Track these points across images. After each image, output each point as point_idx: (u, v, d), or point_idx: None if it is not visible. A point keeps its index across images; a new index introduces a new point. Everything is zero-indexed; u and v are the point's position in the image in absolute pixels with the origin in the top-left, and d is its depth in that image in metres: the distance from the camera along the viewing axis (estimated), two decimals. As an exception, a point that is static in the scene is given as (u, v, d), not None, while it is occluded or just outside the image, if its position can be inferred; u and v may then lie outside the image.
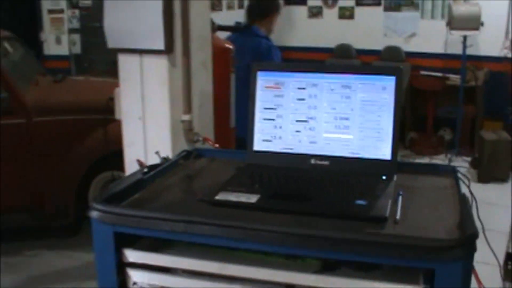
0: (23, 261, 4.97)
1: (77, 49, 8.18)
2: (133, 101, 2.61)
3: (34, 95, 5.17)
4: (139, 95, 2.59)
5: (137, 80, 2.59)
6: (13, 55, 5.59)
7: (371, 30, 8.87)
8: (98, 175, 5.17)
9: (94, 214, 1.69)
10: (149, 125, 2.58)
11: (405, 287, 1.51)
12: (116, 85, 2.69)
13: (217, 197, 1.79)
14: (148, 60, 2.56)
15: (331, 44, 9.15)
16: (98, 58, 8.23)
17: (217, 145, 2.68)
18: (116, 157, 4.85)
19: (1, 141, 4.87)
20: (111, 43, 2.64)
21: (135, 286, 1.73)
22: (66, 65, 7.95)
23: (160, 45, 2.52)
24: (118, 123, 4.70)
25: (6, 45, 5.54)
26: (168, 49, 2.53)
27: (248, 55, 4.15)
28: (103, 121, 4.92)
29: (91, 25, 7.98)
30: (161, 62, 2.54)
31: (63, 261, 5.01)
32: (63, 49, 8.11)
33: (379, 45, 8.84)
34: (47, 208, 5.13)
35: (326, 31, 9.24)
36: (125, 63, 2.63)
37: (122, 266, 1.72)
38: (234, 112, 3.35)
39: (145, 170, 2.02)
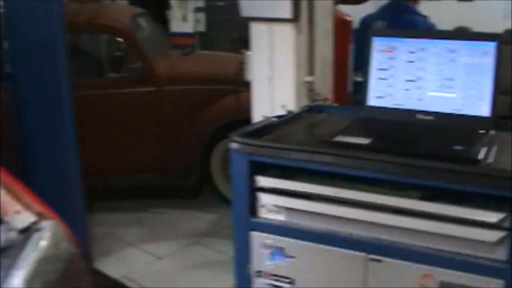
0: (149, 217, 5.53)
1: (202, 27, 8.69)
2: (262, 64, 3.03)
3: (165, 66, 5.70)
4: (267, 59, 3.01)
5: (266, 46, 3.01)
6: (146, 30, 6.14)
7: (490, 12, 8.85)
8: (221, 141, 5.63)
9: (234, 145, 2.12)
10: (276, 85, 2.99)
11: (493, 214, 1.84)
12: (237, 59, 3.06)
13: (335, 139, 2.18)
14: (277, 27, 2.97)
15: (449, 26, 9.20)
16: (221, 35, 8.77)
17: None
18: (238, 125, 5.36)
19: (135, 107, 5.44)
20: (245, 13, 3.06)
21: (263, 207, 2.16)
22: (191, 42, 8.48)
23: (287, 14, 2.92)
24: (241, 94, 5.21)
25: (140, 20, 6.12)
26: (295, 18, 2.92)
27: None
28: (228, 92, 5.41)
29: (215, 3, 8.51)
30: (288, 30, 2.94)
31: (184, 220, 5.53)
32: (188, 27, 8.65)
33: (498, 28, 8.81)
34: (173, 170, 5.67)
35: (444, 14, 9.28)
36: (256, 30, 3.05)
37: (253, 190, 2.15)
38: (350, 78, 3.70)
39: (274, 118, 2.44)
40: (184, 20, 8.61)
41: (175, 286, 4.25)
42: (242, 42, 8.18)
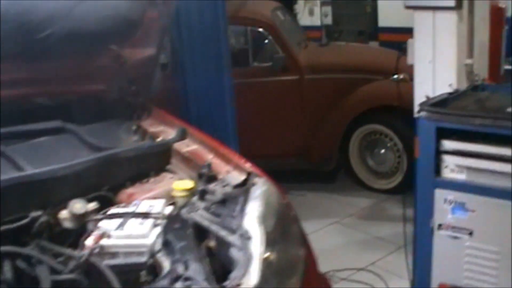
0: (291, 199, 5.99)
1: (328, 20, 9.12)
2: (425, 48, 3.42)
3: (305, 56, 6.16)
4: (430, 44, 3.40)
5: (429, 32, 3.40)
6: (284, 22, 6.62)
7: None
8: (359, 128, 6.03)
9: (423, 113, 2.53)
10: (437, 68, 3.38)
11: None
12: (370, 50, 3.37)
13: (507, 110, 2.55)
14: (440, 15, 3.36)
15: None
16: (347, 28, 9.18)
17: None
18: (374, 113, 5.77)
19: (278, 95, 5.92)
20: (408, 4, 3.47)
21: (446, 168, 2.56)
22: (318, 35, 8.92)
23: (450, 3, 3.30)
24: (378, 83, 5.60)
25: (278, 13, 6.60)
26: (458, 6, 3.31)
27: None
28: (365, 80, 5.83)
29: (340, -2, 8.95)
30: (451, 17, 3.33)
31: (323, 202, 5.96)
32: (315, 20, 9.11)
33: None
34: (313, 156, 6.12)
35: None
36: (420, 18, 3.45)
37: (438, 153, 2.56)
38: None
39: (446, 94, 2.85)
40: (311, 13, 9.03)
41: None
42: (367, 35, 8.56)
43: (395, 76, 5.58)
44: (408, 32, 3.64)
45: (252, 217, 2.10)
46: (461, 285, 2.60)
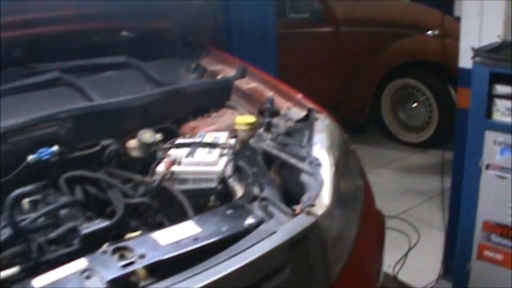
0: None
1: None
2: (473, 0, 3.51)
3: (342, 8, 6.24)
4: (479, -4, 3.49)
5: (478, -16, 3.48)
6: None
7: None
8: (391, 82, 6.13)
9: (477, 59, 2.64)
10: (485, 20, 3.46)
11: None
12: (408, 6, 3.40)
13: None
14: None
15: None
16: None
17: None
18: (407, 68, 5.86)
19: (313, 46, 6.02)
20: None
21: (497, 111, 2.68)
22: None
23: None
24: (413, 38, 5.68)
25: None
26: (507, -42, 3.39)
27: None
28: (400, 35, 5.91)
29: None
30: (500, -32, 3.40)
31: (355, 153, 6.10)
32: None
33: None
34: (346, 107, 6.24)
35: None
36: (468, -30, 3.53)
37: (490, 97, 2.68)
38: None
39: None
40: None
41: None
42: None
43: (429, 32, 5.67)
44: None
45: (321, 147, 2.23)
46: (505, 223, 2.74)
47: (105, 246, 1.74)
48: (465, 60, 3.12)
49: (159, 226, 2.02)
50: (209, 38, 3.10)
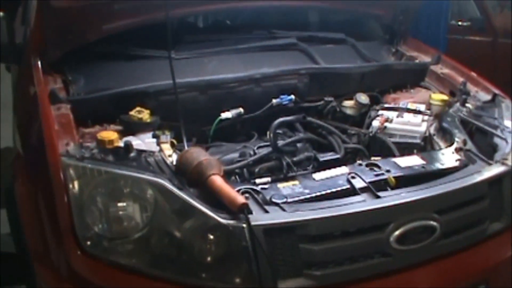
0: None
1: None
2: None
3: (501, 20, 6.62)
4: None
5: None
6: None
7: None
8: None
9: None
10: None
11: None
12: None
13: None
14: None
15: None
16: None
17: None
18: None
19: (471, 54, 6.38)
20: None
21: None
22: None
23: None
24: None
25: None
26: None
27: None
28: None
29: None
30: None
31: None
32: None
33: None
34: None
35: None
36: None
37: None
38: None
39: None
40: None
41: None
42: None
43: None
44: None
45: (510, 120, 2.83)
46: None
47: (358, 162, 2.43)
48: None
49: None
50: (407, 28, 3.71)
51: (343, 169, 2.38)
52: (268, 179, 2.47)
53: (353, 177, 2.30)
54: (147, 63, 3.00)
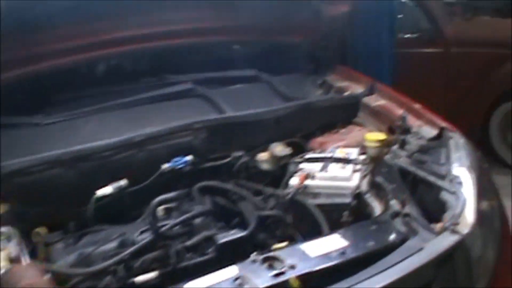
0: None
1: (465, -3, 8.98)
2: None
3: (451, 29, 6.13)
4: None
5: None
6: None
7: None
8: (502, 104, 5.95)
9: None
10: None
11: None
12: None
13: None
14: None
15: None
16: (482, 4, 8.99)
17: None
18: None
19: (422, 67, 5.95)
20: None
21: None
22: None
23: None
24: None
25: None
26: None
27: None
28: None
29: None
30: None
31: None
32: (452, -3, 8.99)
33: None
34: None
35: None
36: None
37: None
38: None
39: None
40: (447, -11, 8.90)
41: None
42: (503, 13, 8.36)
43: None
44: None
45: (461, 165, 2.23)
46: None
47: (253, 255, 1.79)
48: None
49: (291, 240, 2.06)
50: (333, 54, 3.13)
51: (231, 271, 1.73)
52: (155, 273, 1.91)
53: (241, 284, 1.65)
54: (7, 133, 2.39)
